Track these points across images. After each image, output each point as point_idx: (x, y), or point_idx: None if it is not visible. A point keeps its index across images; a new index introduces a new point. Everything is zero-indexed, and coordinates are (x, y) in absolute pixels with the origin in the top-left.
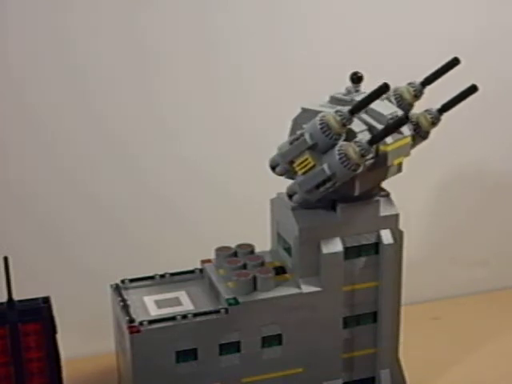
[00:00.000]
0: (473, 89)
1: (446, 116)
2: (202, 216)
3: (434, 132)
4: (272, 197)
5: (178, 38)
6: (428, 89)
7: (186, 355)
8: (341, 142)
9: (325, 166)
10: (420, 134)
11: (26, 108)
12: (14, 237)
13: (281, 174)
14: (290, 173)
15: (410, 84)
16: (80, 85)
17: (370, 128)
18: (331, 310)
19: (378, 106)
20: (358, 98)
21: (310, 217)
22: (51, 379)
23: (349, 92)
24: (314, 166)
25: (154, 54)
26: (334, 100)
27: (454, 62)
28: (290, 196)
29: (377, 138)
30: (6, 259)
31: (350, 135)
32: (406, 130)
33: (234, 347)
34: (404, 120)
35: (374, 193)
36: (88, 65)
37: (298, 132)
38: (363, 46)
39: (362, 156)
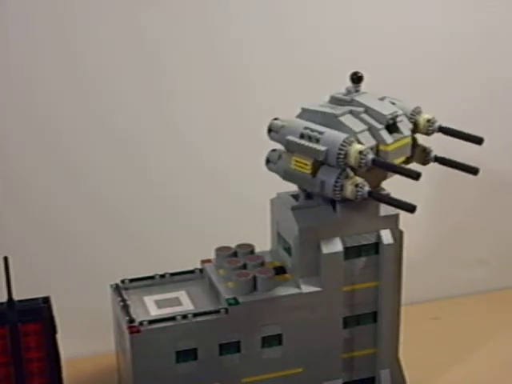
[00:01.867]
0: (479, 140)
1: (445, 116)
2: (203, 216)
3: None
4: (272, 197)
5: (182, 38)
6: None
7: (186, 355)
8: (346, 171)
9: (317, 182)
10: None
11: (26, 107)
12: (14, 237)
13: (273, 140)
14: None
15: (429, 121)
16: (81, 82)
17: (370, 128)
18: (331, 310)
19: (377, 105)
20: (359, 98)
21: (310, 217)
22: (51, 379)
23: (349, 92)
24: (307, 173)
25: (157, 52)
26: (334, 100)
27: (476, 140)
28: (268, 161)
29: (376, 196)
30: (5, 259)
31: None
32: (406, 129)
33: (234, 347)
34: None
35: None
36: (91, 63)
37: (315, 133)
38: (363, 45)
39: (356, 198)
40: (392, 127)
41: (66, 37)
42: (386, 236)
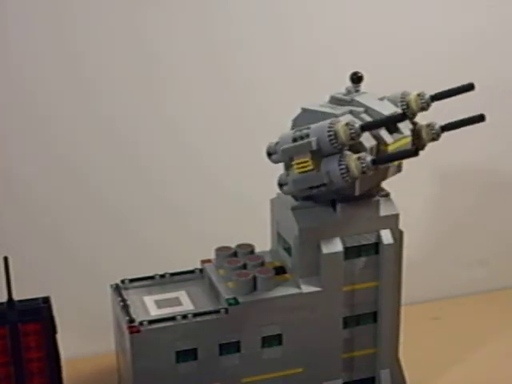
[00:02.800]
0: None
1: (445, 116)
2: (202, 216)
3: None
4: (272, 197)
5: (181, 38)
6: (428, 90)
7: (186, 355)
8: (344, 152)
9: (323, 173)
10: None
11: (26, 107)
12: (14, 237)
13: (275, 163)
14: (285, 164)
15: (419, 95)
16: (81, 83)
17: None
18: (331, 310)
19: (377, 105)
20: (359, 98)
21: (310, 217)
22: (51, 379)
23: (349, 92)
24: (311, 170)
25: (157, 53)
26: (334, 100)
27: (468, 88)
28: (281, 185)
29: (381, 160)
30: (5, 259)
31: (356, 145)
32: (406, 129)
33: (234, 347)
34: (411, 152)
35: (373, 193)
36: (91, 63)
37: (304, 130)
38: (363, 45)
39: (363, 173)
40: (392, 127)
41: (65, 37)
42: (386, 236)
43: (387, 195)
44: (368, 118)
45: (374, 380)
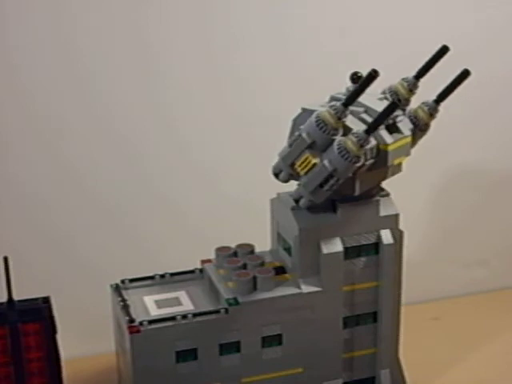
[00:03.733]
0: (465, 73)
1: (445, 116)
2: (202, 216)
3: (433, 132)
4: (272, 197)
5: (182, 39)
6: (428, 89)
7: (186, 355)
8: (339, 137)
9: (325, 162)
10: (420, 128)
11: (26, 107)
12: (14, 237)
13: (285, 181)
14: (293, 177)
15: (403, 79)
16: (81, 83)
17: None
18: (331, 310)
19: (376, 105)
20: (359, 98)
21: (310, 217)
22: (51, 379)
23: (349, 92)
24: (314, 165)
25: (156, 53)
26: (335, 100)
27: (444, 50)
28: (297, 201)
29: (372, 125)
30: (5, 259)
31: (348, 132)
32: (406, 129)
33: (234, 347)
34: (395, 104)
35: (374, 193)
36: (92, 64)
37: (296, 133)
38: (363, 46)
39: (361, 146)
40: (392, 127)
41: (65, 37)
42: (386, 236)
43: (387, 195)
44: (368, 118)
45: (374, 380)
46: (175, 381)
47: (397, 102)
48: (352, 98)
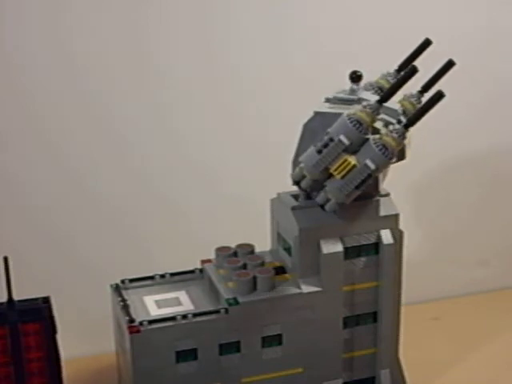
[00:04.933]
0: (450, 63)
1: (445, 116)
2: (202, 216)
3: (433, 131)
4: (272, 197)
5: (182, 39)
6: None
7: (186, 355)
8: (372, 136)
9: (368, 162)
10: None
11: (27, 108)
12: (14, 237)
13: (307, 188)
14: (316, 183)
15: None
16: (81, 83)
17: (387, 124)
18: (331, 310)
19: (388, 103)
20: (365, 96)
21: (310, 217)
22: (51, 379)
23: (353, 91)
24: (354, 166)
25: (157, 54)
26: (339, 100)
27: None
28: (323, 206)
29: (412, 120)
30: (5, 259)
31: (375, 131)
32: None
33: (234, 347)
34: (439, 94)
35: (374, 193)
36: (91, 64)
37: (324, 138)
38: (363, 46)
39: (400, 142)
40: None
41: (65, 37)
42: (386, 236)
43: (387, 195)
44: (383, 116)
45: (374, 380)
46: (175, 381)
47: (440, 92)
48: (388, 95)
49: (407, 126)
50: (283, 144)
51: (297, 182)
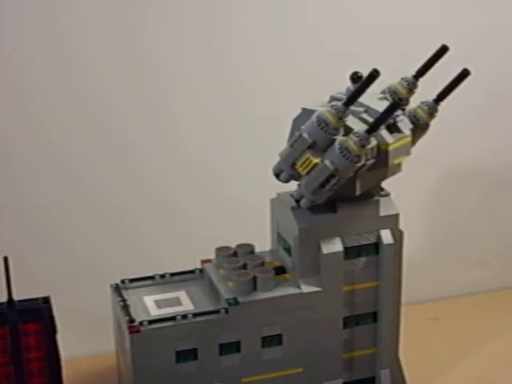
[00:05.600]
0: (465, 73)
1: (445, 116)
2: (202, 216)
3: (433, 132)
4: (272, 197)
5: (182, 39)
6: (428, 88)
7: (186, 355)
8: (340, 137)
9: (327, 162)
10: (420, 127)
11: (26, 107)
12: (14, 237)
13: (285, 181)
14: (294, 178)
15: (402, 79)
16: (81, 83)
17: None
18: (331, 310)
19: (376, 105)
20: (359, 98)
21: (310, 217)
22: (51, 379)
23: (349, 92)
24: (316, 165)
25: (157, 54)
26: (335, 100)
27: (443, 50)
28: (298, 201)
29: (373, 125)
30: (5, 259)
31: (349, 132)
32: (406, 129)
33: (234, 347)
34: (396, 104)
35: (374, 193)
36: (91, 64)
37: (297, 133)
38: (363, 46)
39: (362, 146)
40: (392, 127)
41: (64, 37)
42: (386, 236)
43: (387, 195)
44: (369, 118)
45: (374, 380)
46: (175, 381)
47: (398, 101)
48: (353, 97)
49: (369, 131)
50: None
51: (277, 175)
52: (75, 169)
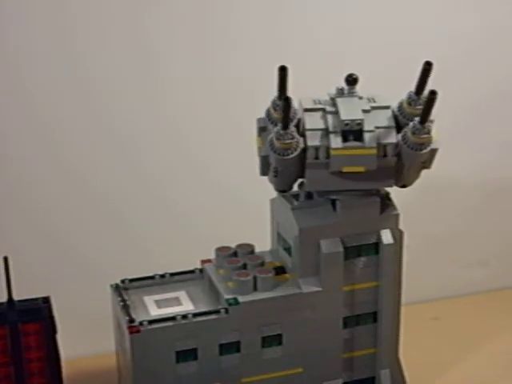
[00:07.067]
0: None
1: (445, 116)
2: (202, 216)
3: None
4: (272, 197)
5: (182, 39)
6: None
7: (186, 355)
8: (276, 128)
9: (262, 150)
10: (409, 146)
11: (26, 107)
12: (14, 237)
13: (271, 181)
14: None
15: (409, 99)
16: (81, 83)
17: (327, 129)
18: (331, 310)
19: (346, 109)
20: (340, 99)
21: (310, 217)
22: (51, 379)
23: (339, 92)
24: (259, 147)
25: (157, 54)
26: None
27: (427, 67)
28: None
29: (284, 123)
30: (5, 259)
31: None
32: (372, 141)
33: (234, 347)
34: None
35: (373, 193)
36: (91, 64)
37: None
38: (363, 46)
39: (277, 139)
40: (356, 134)
41: (65, 37)
42: (386, 236)
43: (387, 195)
44: (330, 120)
45: (374, 380)
46: (175, 381)
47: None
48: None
49: (284, 128)
50: None
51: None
52: (75, 169)
